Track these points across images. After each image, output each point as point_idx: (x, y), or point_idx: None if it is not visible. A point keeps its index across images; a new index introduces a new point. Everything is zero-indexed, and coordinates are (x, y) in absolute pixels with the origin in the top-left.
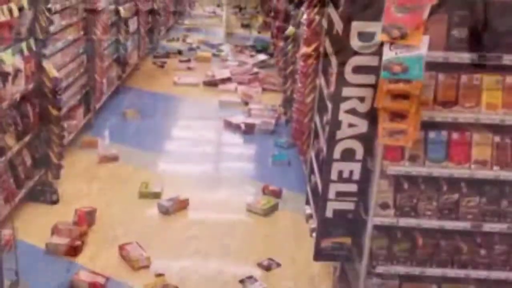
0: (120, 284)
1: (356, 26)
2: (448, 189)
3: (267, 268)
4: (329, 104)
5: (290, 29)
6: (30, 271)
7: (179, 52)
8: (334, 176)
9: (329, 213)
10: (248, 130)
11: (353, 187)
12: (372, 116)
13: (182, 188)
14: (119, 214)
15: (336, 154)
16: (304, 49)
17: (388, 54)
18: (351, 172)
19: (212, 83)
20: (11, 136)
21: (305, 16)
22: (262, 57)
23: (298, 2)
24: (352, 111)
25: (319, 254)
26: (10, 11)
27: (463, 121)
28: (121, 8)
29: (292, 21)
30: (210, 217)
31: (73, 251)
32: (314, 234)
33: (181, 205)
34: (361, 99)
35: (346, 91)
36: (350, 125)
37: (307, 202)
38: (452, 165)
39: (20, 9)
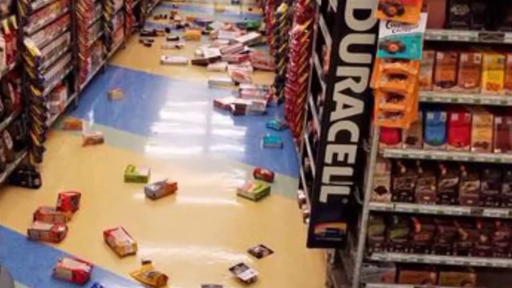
0: (105, 271)
1: (351, 2)
2: (447, 173)
3: (259, 255)
4: (323, 84)
5: (283, 6)
6: (11, 258)
7: (167, 30)
8: (328, 159)
9: (323, 198)
10: (238, 111)
11: (348, 171)
12: (368, 97)
13: (170, 172)
14: (104, 199)
15: (331, 136)
16: (297, 27)
17: (384, 32)
18: (346, 155)
19: (201, 62)
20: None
21: None
22: (253, 35)
23: None
24: (347, 92)
25: (313, 241)
26: None
27: (463, 101)
28: None
29: None
30: (199, 202)
31: (56, 237)
32: (307, 220)
33: (169, 189)
34: (357, 79)
35: (340, 71)
36: (345, 106)
37: (300, 187)
38: (451, 147)
39: None
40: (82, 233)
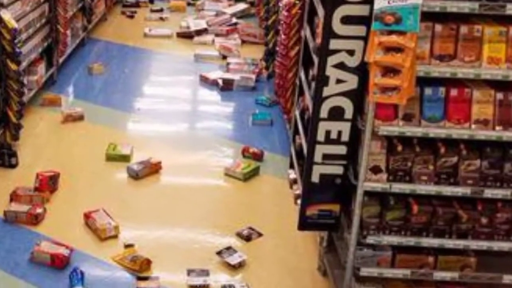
0: (85, 255)
1: None
2: (446, 152)
3: (247, 238)
4: (315, 58)
5: None
6: None
7: (150, 1)
8: (321, 137)
9: (315, 178)
10: (226, 86)
11: (341, 149)
12: (362, 71)
13: (154, 150)
14: (85, 178)
15: (323, 112)
16: None
17: (380, 3)
18: (339, 133)
19: (186, 35)
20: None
21: None
22: (241, 6)
23: None
24: (341, 66)
25: (304, 223)
26: None
27: (463, 76)
28: None
29: None
30: (185, 182)
31: (34, 219)
32: (298, 201)
33: (153, 168)
34: (351, 53)
35: (334, 44)
36: (339, 81)
37: (291, 166)
38: (450, 124)
39: None
40: (61, 215)
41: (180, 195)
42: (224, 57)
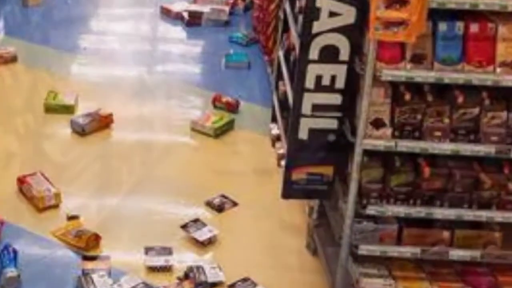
0: (19, 229)
1: None
2: (465, 101)
3: (219, 208)
4: None
5: None
6: None
7: None
8: (310, 83)
9: (303, 134)
10: (193, 21)
11: (336, 98)
12: (361, 2)
13: (103, 100)
14: (18, 134)
15: (313, 53)
16: None
17: None
18: (333, 78)
19: None
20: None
21: None
22: None
23: None
24: None
25: (290, 190)
26: None
27: (485, 8)
28: None
29: None
30: (141, 139)
31: None
32: (282, 163)
33: (102, 122)
34: None
35: None
36: (332, 14)
37: (273, 119)
38: (470, 68)
39: None
40: None
41: (135, 155)
42: None
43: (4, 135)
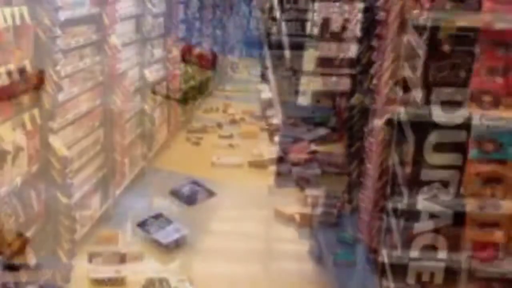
0: None
1: (438, 92)
2: None
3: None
4: (404, 190)
5: (356, 97)
6: None
7: (219, 126)
8: (411, 279)
9: None
10: (304, 222)
11: None
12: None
13: None
14: None
15: (414, 252)
16: (375, 122)
17: (477, 127)
18: (431, 275)
19: (259, 164)
20: (10, 230)
21: (374, 81)
22: (321, 131)
23: (366, 63)
24: (434, 199)
25: None
26: (9, 74)
27: None
28: (146, 71)
29: (359, 86)
30: None
31: None
32: None
33: None
34: (445, 184)
35: (425, 174)
36: (432, 216)
37: None
38: None
39: (22, 71)
40: None
41: None
42: (302, 189)
43: None
